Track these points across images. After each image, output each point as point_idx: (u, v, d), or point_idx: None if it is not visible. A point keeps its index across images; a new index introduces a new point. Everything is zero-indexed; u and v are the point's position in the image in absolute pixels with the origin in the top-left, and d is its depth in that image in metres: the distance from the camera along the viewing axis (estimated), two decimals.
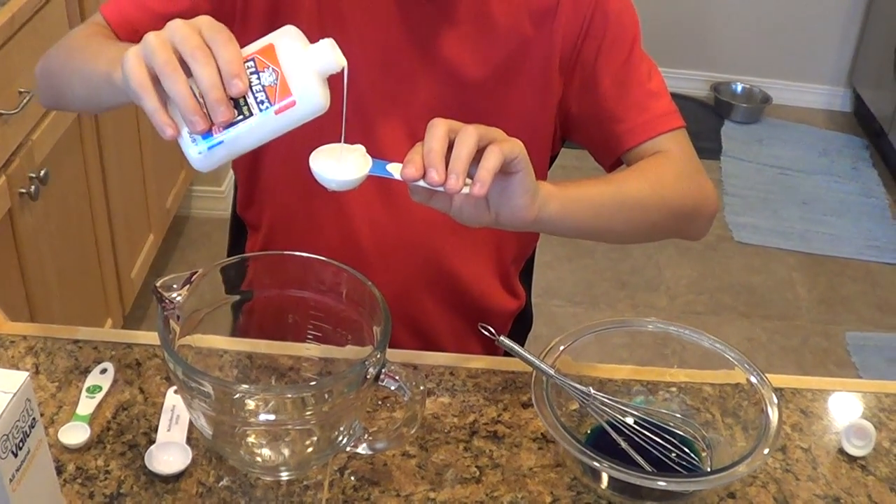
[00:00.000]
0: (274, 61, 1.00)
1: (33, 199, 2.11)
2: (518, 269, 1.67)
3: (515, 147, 1.12)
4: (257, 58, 1.01)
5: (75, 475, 1.17)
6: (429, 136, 1.09)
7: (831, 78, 5.11)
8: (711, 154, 4.52)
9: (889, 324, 3.57)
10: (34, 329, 1.39)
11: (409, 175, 1.08)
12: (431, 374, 1.36)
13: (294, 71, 1.01)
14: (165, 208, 3.24)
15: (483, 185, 1.08)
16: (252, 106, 1.01)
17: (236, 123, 1.01)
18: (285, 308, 1.27)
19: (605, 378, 1.34)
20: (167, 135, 1.02)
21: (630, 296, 3.59)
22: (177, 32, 1.00)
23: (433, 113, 1.36)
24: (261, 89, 1.00)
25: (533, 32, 1.39)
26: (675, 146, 1.45)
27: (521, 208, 1.17)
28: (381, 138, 1.40)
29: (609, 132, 1.46)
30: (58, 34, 2.24)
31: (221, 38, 1.00)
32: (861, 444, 1.29)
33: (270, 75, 1.00)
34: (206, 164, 1.04)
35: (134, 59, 1.01)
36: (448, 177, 1.07)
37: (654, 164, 1.42)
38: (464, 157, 1.08)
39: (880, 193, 4.39)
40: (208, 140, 1.02)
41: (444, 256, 1.51)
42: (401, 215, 1.43)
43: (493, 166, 1.08)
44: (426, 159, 1.08)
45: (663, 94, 1.47)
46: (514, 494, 1.19)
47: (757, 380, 1.23)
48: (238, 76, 0.99)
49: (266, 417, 1.14)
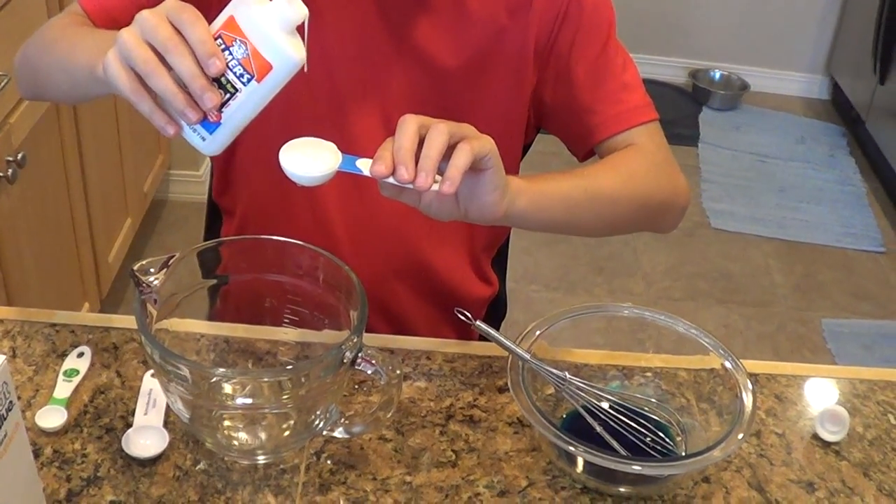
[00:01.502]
0: (238, 32, 1.00)
1: (10, 183, 2.10)
2: (490, 256, 1.67)
3: (486, 144, 1.12)
4: (223, 34, 1.01)
5: (52, 458, 1.16)
6: (399, 133, 1.09)
7: (809, 66, 5.13)
8: (689, 141, 4.54)
9: (864, 311, 3.59)
10: (11, 312, 1.38)
11: (379, 172, 1.08)
12: (408, 358, 1.36)
13: (260, 37, 1.00)
14: (143, 192, 3.24)
15: (452, 184, 1.08)
16: (234, 82, 1.01)
17: (227, 103, 1.02)
18: (262, 292, 1.27)
19: (580, 363, 1.34)
20: (169, 133, 1.04)
21: (607, 281, 3.60)
22: (146, 25, 1.00)
23: (408, 101, 1.36)
24: (237, 63, 1.01)
25: (508, 22, 1.39)
26: (648, 139, 1.45)
27: (490, 204, 1.17)
28: (355, 125, 1.40)
29: (582, 123, 1.46)
30: (35, 18, 2.23)
31: (188, 19, 1.00)
32: (835, 430, 1.30)
33: (240, 47, 1.00)
34: (213, 148, 1.06)
35: (115, 64, 1.02)
36: (417, 174, 1.07)
37: (625, 158, 1.42)
38: (433, 155, 1.08)
39: (857, 181, 4.41)
40: (207, 126, 1.04)
41: (416, 244, 1.51)
42: (373, 203, 1.43)
43: (462, 164, 1.08)
44: (396, 156, 1.08)
45: (637, 87, 1.47)
46: (490, 478, 1.19)
47: (732, 365, 1.24)
48: (213, 54, 0.99)
49: (243, 401, 1.14)
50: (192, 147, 1.07)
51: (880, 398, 1.39)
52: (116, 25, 1.04)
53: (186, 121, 1.03)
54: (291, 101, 1.28)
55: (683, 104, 4.87)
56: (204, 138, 1.05)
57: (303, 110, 1.38)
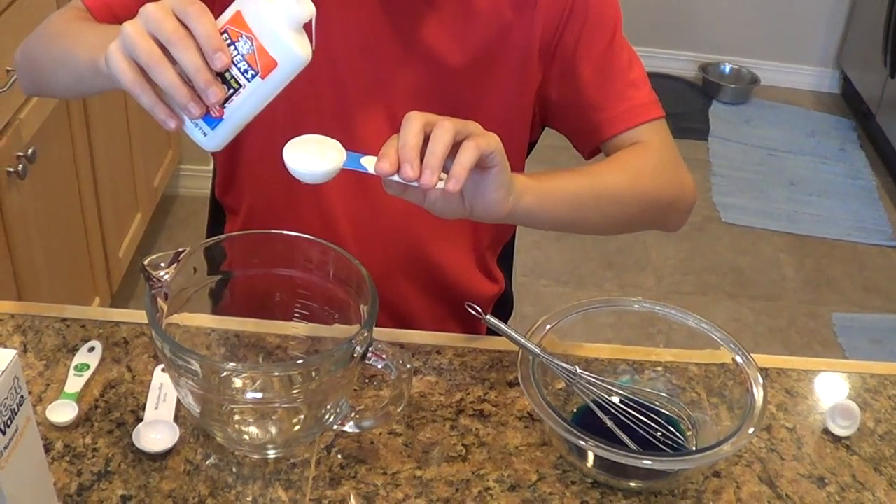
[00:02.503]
0: (245, 28, 1.00)
1: (21, 178, 2.10)
2: (495, 254, 1.66)
3: (492, 142, 1.11)
4: (230, 28, 1.00)
5: (63, 453, 1.17)
6: (404, 130, 1.08)
7: (820, 59, 5.12)
8: (699, 134, 4.52)
9: (875, 305, 3.59)
10: (22, 307, 1.39)
11: (384, 170, 1.07)
12: (418, 352, 1.36)
13: (266, 33, 1.00)
14: (153, 187, 3.24)
15: (458, 182, 1.07)
16: (239, 78, 1.01)
17: (230, 99, 1.02)
18: (273, 286, 1.28)
19: (591, 357, 1.35)
20: (170, 127, 1.03)
21: (617, 276, 3.60)
22: (151, 18, 1.00)
23: (414, 98, 1.35)
24: (241, 59, 1.00)
25: (513, 18, 1.38)
26: (655, 136, 1.44)
27: (495, 202, 1.16)
28: (361, 123, 1.39)
29: (588, 121, 1.45)
30: (44, 14, 2.23)
31: (194, 12, 0.99)
32: (846, 425, 1.30)
33: (246, 43, 1.00)
34: (214, 143, 1.06)
35: (118, 56, 1.01)
36: (422, 172, 1.06)
37: (632, 156, 1.42)
38: (439, 152, 1.07)
39: (868, 175, 4.40)
40: (209, 122, 1.04)
41: (421, 242, 1.51)
42: (378, 201, 1.42)
43: (468, 162, 1.08)
44: (401, 154, 1.07)
45: (644, 84, 1.46)
46: (500, 473, 1.19)
47: (742, 360, 1.24)
48: (219, 49, 0.99)
49: (253, 395, 1.14)
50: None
51: (891, 393, 1.38)
52: (117, 21, 1.03)
53: (189, 115, 1.02)
54: (297, 99, 1.28)
55: (694, 98, 4.86)
56: (205, 133, 1.05)
57: (308, 109, 1.38)
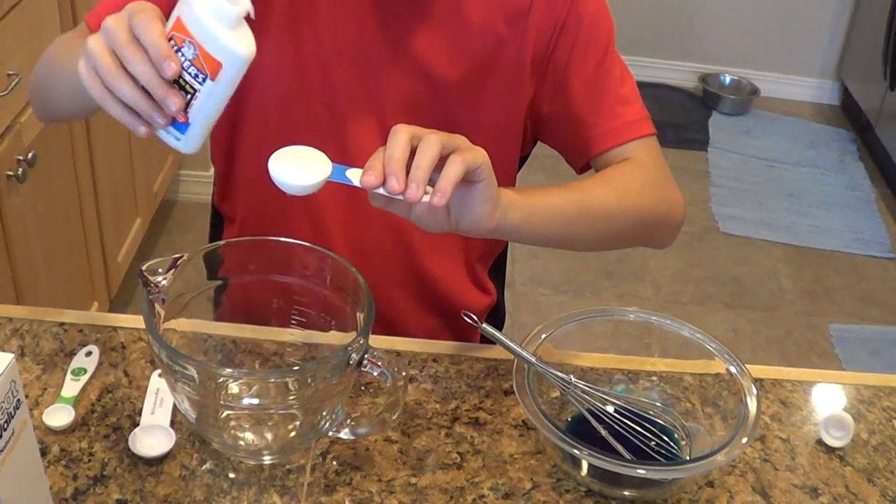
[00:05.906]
0: (186, 33, 1.00)
1: (21, 182, 2.11)
2: (486, 266, 1.66)
3: (479, 156, 1.11)
4: (174, 35, 1.01)
5: (59, 457, 1.17)
6: (390, 143, 1.08)
7: (819, 71, 5.12)
8: (699, 145, 4.53)
9: (873, 316, 3.59)
10: (20, 311, 1.39)
11: (369, 182, 1.07)
12: (414, 360, 1.37)
13: (205, 36, 1.00)
14: (153, 192, 3.24)
15: (443, 196, 1.07)
16: (192, 83, 1.02)
17: (191, 103, 1.03)
18: (269, 293, 1.28)
19: (586, 366, 1.35)
20: (141, 133, 1.05)
21: (615, 285, 3.60)
22: (108, 32, 1.01)
23: (406, 110, 1.35)
24: (190, 64, 1.01)
25: (506, 32, 1.37)
26: (645, 154, 1.44)
27: (481, 217, 1.16)
28: (352, 134, 1.39)
29: (579, 136, 1.45)
30: (46, 18, 2.24)
31: (142, 20, 1.00)
32: (840, 436, 1.30)
33: (190, 48, 1.00)
34: (189, 146, 1.07)
35: (84, 71, 1.03)
36: (408, 186, 1.06)
37: (621, 172, 1.41)
38: (425, 166, 1.06)
39: (867, 186, 4.41)
40: (178, 127, 1.05)
41: (412, 253, 1.51)
42: (369, 213, 1.42)
43: (454, 176, 1.07)
44: (387, 167, 1.06)
45: (635, 101, 1.46)
46: (495, 480, 1.20)
47: (736, 370, 1.24)
48: (167, 57, 0.99)
49: (249, 401, 1.15)
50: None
51: (885, 404, 1.39)
52: None
53: (156, 126, 1.03)
54: (289, 109, 1.28)
55: (693, 108, 4.86)
56: (178, 139, 1.06)
57: (300, 119, 1.38)
